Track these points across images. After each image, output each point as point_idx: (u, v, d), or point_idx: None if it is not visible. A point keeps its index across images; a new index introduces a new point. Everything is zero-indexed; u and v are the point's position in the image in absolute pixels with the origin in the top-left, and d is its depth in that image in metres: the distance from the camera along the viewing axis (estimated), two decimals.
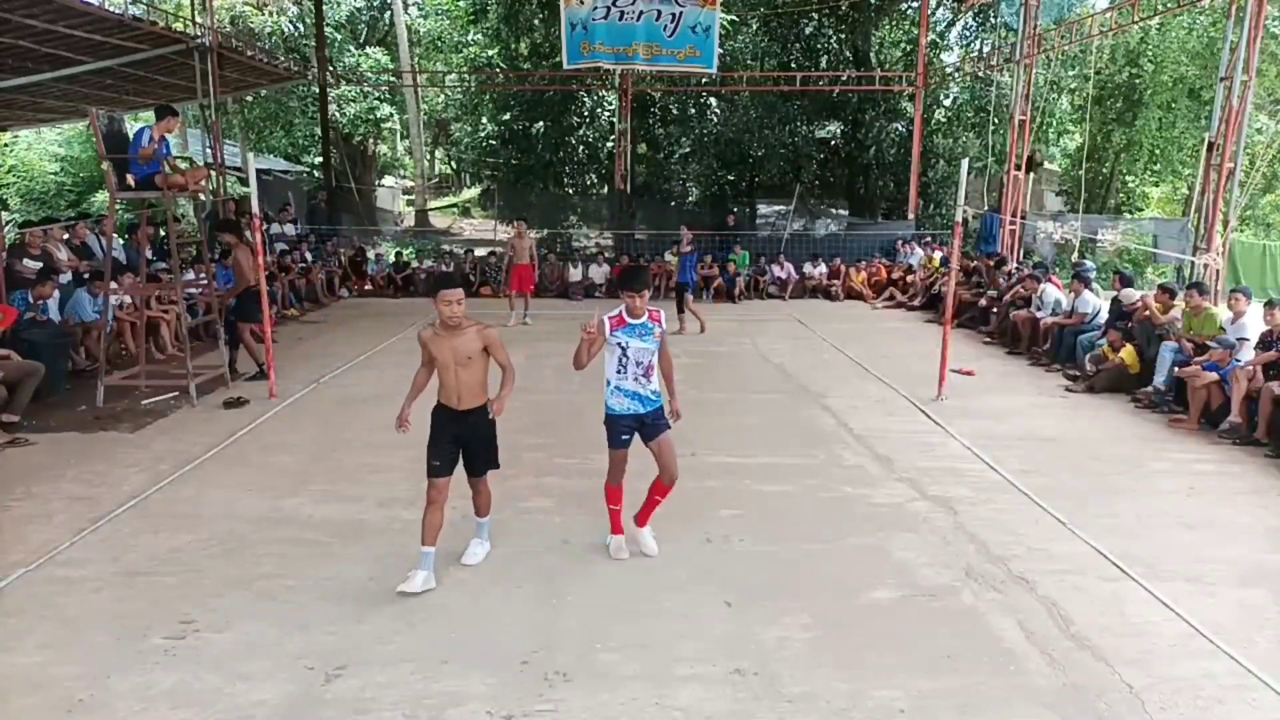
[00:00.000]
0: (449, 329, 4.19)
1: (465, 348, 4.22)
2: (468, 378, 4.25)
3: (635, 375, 4.44)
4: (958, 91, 21.57)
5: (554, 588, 4.38)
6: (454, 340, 4.20)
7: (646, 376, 4.46)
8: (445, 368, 4.24)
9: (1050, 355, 10.13)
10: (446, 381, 4.27)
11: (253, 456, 6.48)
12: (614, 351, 4.45)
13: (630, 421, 4.51)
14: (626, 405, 4.49)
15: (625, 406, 4.50)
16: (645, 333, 4.42)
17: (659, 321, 4.49)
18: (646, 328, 4.44)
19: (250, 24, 22.31)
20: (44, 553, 4.68)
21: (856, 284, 16.25)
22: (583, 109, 22.01)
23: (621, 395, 4.49)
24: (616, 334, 4.41)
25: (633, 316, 4.42)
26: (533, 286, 12.85)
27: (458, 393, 4.26)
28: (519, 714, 3.33)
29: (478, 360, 4.25)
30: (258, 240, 8.21)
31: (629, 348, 4.42)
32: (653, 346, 4.44)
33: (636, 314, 4.41)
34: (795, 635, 3.93)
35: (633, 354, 4.43)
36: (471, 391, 4.29)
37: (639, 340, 4.42)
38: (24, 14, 9.08)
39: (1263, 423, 6.88)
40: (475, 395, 4.31)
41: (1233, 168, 10.77)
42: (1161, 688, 3.52)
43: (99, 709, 3.34)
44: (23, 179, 22.96)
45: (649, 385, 4.48)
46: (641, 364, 4.44)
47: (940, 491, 5.81)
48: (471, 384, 4.27)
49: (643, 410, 4.49)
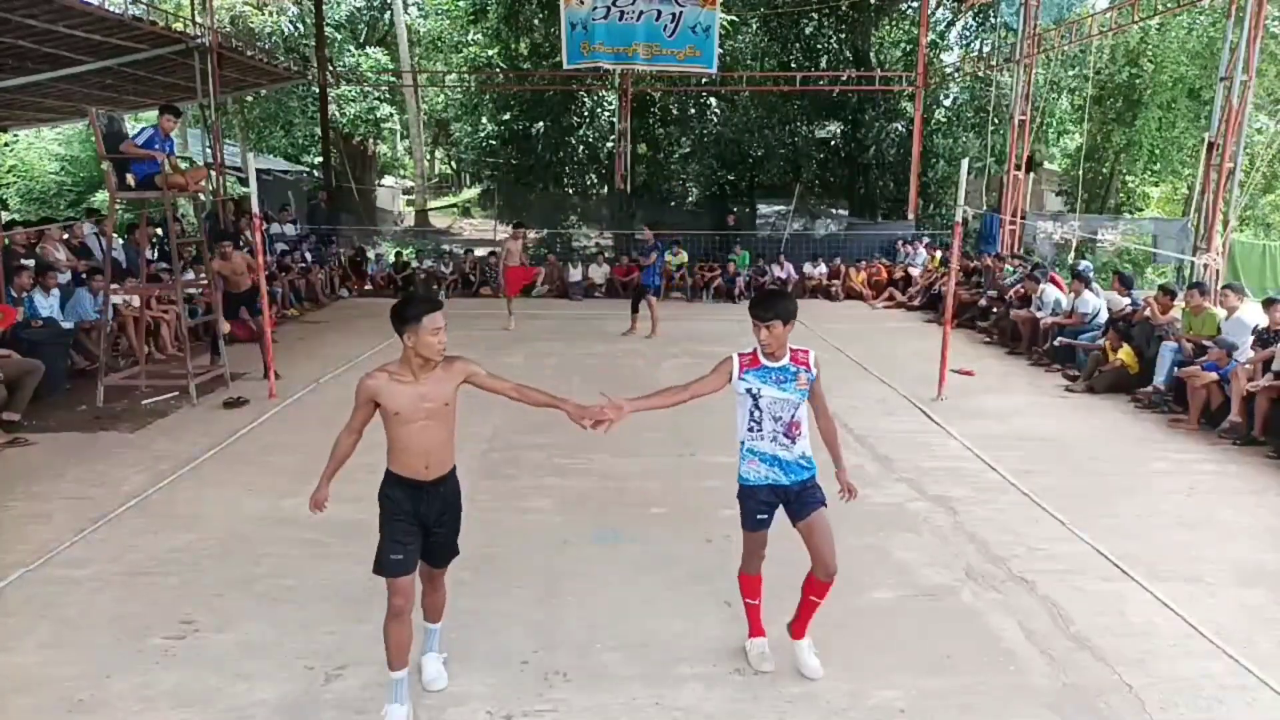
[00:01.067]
0: (418, 370, 3.17)
1: (437, 392, 3.19)
2: (439, 434, 3.24)
3: (773, 434, 3.47)
4: (958, 91, 21.56)
5: (554, 588, 4.38)
6: (422, 385, 3.18)
7: (789, 436, 3.47)
8: (407, 425, 3.17)
9: (1050, 355, 10.14)
10: (408, 444, 3.20)
11: (253, 456, 6.48)
12: (744, 401, 3.49)
13: (769, 494, 3.52)
14: (763, 473, 3.51)
15: (761, 475, 3.51)
16: (786, 379, 3.44)
17: (807, 365, 3.47)
18: (788, 373, 3.44)
19: (250, 24, 22.30)
20: (44, 553, 4.68)
21: (856, 284, 16.25)
22: (583, 109, 22.01)
23: (756, 460, 3.51)
24: (746, 377, 3.45)
25: (769, 357, 3.46)
26: (519, 290, 12.78)
27: (425, 457, 3.22)
28: (519, 714, 3.33)
29: (451, 407, 3.27)
30: (258, 240, 8.22)
31: (761, 397, 3.44)
32: (796, 398, 3.46)
33: (774, 354, 3.46)
34: None
35: (768, 406, 3.45)
36: (442, 453, 3.28)
37: (776, 389, 3.44)
38: (24, 14, 9.08)
39: (1259, 420, 6.89)
40: (446, 457, 3.31)
41: (1233, 168, 10.76)
42: (1161, 688, 3.53)
43: (99, 709, 3.34)
44: (23, 179, 22.97)
45: (794, 448, 3.49)
46: (781, 419, 3.46)
47: (940, 491, 5.81)
48: (442, 442, 3.27)
49: (785, 481, 3.50)
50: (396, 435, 3.21)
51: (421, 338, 3.09)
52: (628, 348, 10.97)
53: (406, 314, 3.10)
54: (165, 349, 10.02)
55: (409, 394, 3.16)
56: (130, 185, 7.76)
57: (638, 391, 3.81)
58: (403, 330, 3.11)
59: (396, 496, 3.27)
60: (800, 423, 3.49)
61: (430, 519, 3.30)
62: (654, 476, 6.03)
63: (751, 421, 3.50)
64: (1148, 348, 8.69)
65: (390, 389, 3.17)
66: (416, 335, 3.09)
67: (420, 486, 3.25)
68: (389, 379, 3.17)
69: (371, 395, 3.19)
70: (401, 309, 3.11)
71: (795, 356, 3.46)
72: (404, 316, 3.10)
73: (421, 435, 3.19)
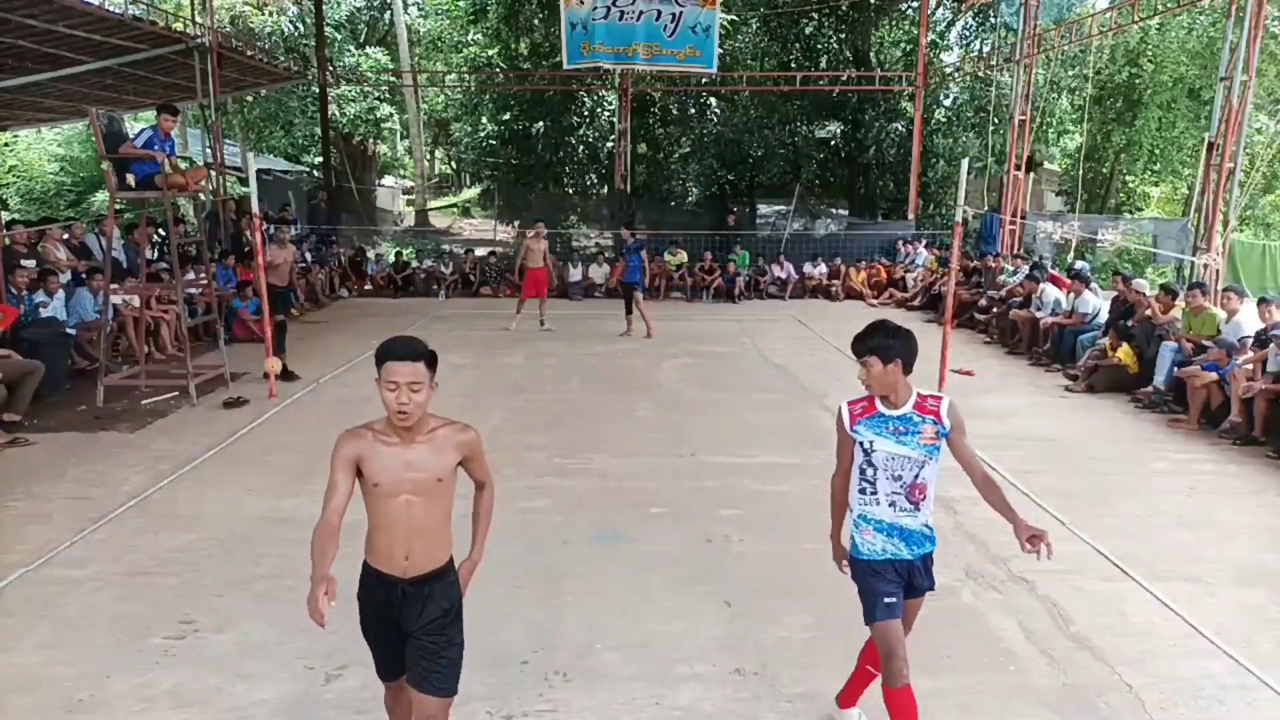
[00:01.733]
0: (399, 430, 2.47)
1: (429, 462, 2.49)
2: (425, 518, 2.50)
3: (891, 497, 2.85)
4: (958, 91, 21.57)
5: (554, 588, 4.38)
6: (409, 450, 2.47)
7: (912, 501, 2.86)
8: (389, 499, 2.47)
9: (1050, 355, 10.14)
10: (387, 524, 2.49)
11: (253, 456, 6.48)
12: (855, 456, 2.93)
13: (891, 571, 2.88)
14: (880, 545, 2.88)
15: (879, 548, 2.89)
16: (907, 430, 2.83)
17: (937, 415, 2.83)
18: (910, 423, 2.83)
19: (250, 24, 22.29)
20: (44, 553, 4.68)
21: (856, 284, 16.27)
22: (583, 109, 22.01)
23: (870, 529, 2.90)
24: (858, 429, 2.88)
25: (887, 403, 2.86)
26: (547, 290, 12.73)
27: (406, 545, 2.49)
28: (519, 714, 3.33)
29: (447, 484, 2.54)
30: (257, 240, 8.22)
31: (875, 452, 2.85)
32: (920, 455, 2.82)
33: (891, 399, 2.86)
34: (795, 635, 3.94)
35: (883, 463, 2.84)
36: (429, 543, 2.53)
37: (894, 442, 2.83)
38: (24, 14, 9.09)
39: (1259, 420, 6.89)
40: (434, 549, 2.55)
41: (1233, 168, 10.76)
42: (1161, 688, 3.53)
43: (99, 709, 3.34)
44: (23, 179, 22.97)
45: (919, 515, 2.87)
46: (901, 480, 2.84)
47: (940, 491, 5.78)
48: (431, 529, 2.52)
49: (907, 555, 2.88)
50: (374, 511, 2.52)
51: (380, 387, 2.44)
52: (627, 347, 10.97)
53: (377, 354, 2.48)
54: (165, 349, 10.03)
55: (392, 461, 2.45)
56: (130, 185, 7.76)
57: (638, 391, 3.80)
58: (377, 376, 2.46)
59: (369, 594, 2.57)
60: (926, 485, 2.86)
61: (406, 626, 2.53)
62: (654, 476, 6.02)
63: (864, 481, 2.88)
64: (1148, 348, 8.69)
65: (374, 451, 2.46)
66: (379, 383, 2.45)
67: (394, 585, 2.51)
68: (373, 438, 2.48)
69: (352, 458, 2.46)
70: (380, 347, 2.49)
71: (922, 404, 2.85)
72: (376, 357, 2.48)
73: (403, 516, 2.46)
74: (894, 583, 2.86)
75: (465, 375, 8.99)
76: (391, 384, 2.42)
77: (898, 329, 2.89)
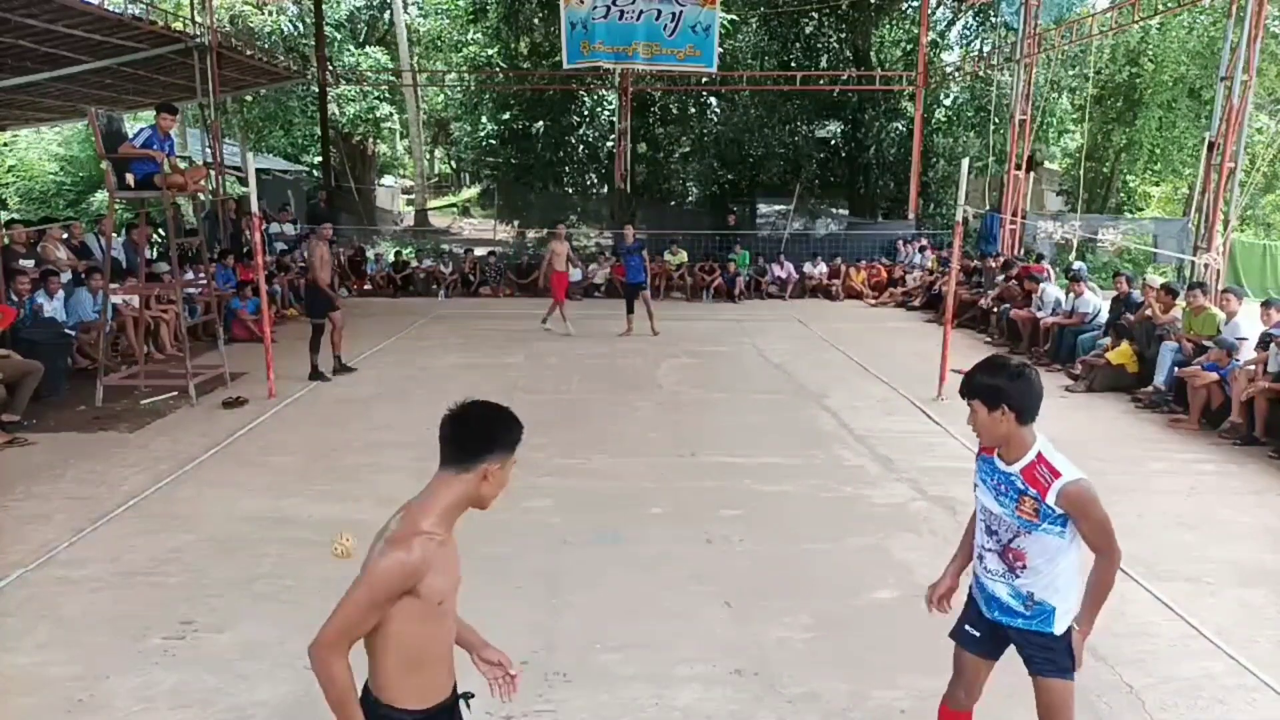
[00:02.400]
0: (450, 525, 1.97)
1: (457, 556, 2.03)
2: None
3: (984, 549, 2.55)
4: (958, 91, 21.57)
5: (554, 588, 4.38)
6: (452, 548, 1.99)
7: (1007, 564, 2.48)
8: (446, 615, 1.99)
9: (1050, 355, 10.14)
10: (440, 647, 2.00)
11: (252, 456, 6.48)
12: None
13: (976, 615, 2.65)
14: (975, 591, 2.67)
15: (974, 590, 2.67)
16: (1006, 491, 2.45)
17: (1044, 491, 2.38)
18: (1011, 485, 2.43)
19: (250, 23, 22.29)
20: (44, 553, 4.67)
21: (856, 284, 16.27)
22: (583, 108, 22.01)
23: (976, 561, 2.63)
24: (979, 461, 2.60)
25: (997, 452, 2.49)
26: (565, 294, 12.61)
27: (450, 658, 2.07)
28: (519, 714, 3.33)
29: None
30: (257, 240, 8.21)
31: (977, 496, 2.59)
32: (1015, 524, 2.44)
33: (1003, 451, 2.47)
34: (795, 635, 3.93)
35: (982, 510, 2.55)
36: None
37: (991, 496, 2.50)
38: (24, 14, 9.09)
39: (1259, 420, 6.89)
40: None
41: (1233, 167, 10.76)
42: (1161, 688, 3.52)
43: (99, 709, 3.33)
44: (23, 179, 22.97)
45: (1014, 580, 2.48)
46: (996, 535, 2.49)
47: (940, 491, 5.80)
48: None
49: (1001, 618, 2.54)
50: (425, 638, 1.93)
51: (506, 473, 1.99)
52: (628, 347, 10.97)
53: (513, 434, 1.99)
54: (165, 349, 10.03)
55: (450, 563, 1.94)
56: (130, 185, 7.75)
57: (638, 391, 3.79)
58: (489, 454, 1.94)
59: None
60: (1025, 554, 2.43)
61: None
62: (654, 476, 6.02)
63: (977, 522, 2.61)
64: (1148, 348, 8.69)
65: (439, 559, 1.88)
66: (503, 469, 1.98)
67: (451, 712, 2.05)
68: (437, 545, 1.87)
69: (416, 575, 1.84)
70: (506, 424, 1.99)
71: (1033, 470, 2.40)
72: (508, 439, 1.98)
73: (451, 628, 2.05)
74: (976, 624, 2.64)
75: (465, 375, 8.98)
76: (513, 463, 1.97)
77: (1016, 370, 2.43)
